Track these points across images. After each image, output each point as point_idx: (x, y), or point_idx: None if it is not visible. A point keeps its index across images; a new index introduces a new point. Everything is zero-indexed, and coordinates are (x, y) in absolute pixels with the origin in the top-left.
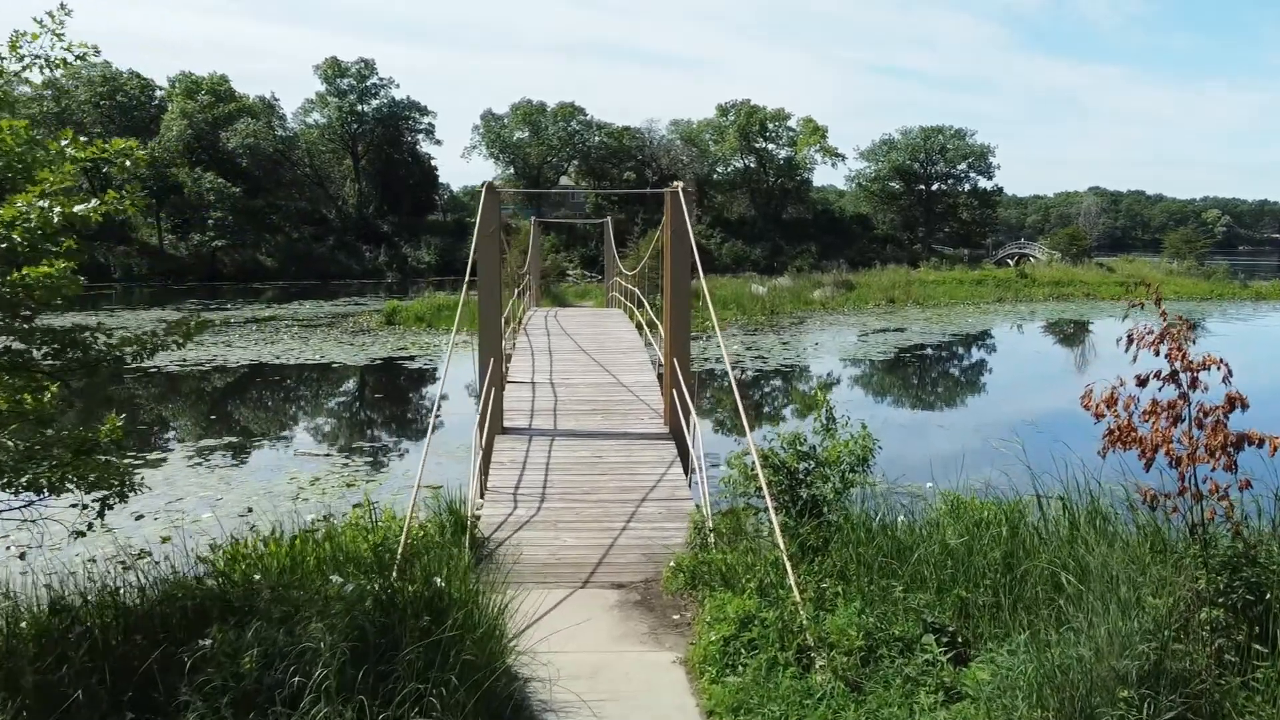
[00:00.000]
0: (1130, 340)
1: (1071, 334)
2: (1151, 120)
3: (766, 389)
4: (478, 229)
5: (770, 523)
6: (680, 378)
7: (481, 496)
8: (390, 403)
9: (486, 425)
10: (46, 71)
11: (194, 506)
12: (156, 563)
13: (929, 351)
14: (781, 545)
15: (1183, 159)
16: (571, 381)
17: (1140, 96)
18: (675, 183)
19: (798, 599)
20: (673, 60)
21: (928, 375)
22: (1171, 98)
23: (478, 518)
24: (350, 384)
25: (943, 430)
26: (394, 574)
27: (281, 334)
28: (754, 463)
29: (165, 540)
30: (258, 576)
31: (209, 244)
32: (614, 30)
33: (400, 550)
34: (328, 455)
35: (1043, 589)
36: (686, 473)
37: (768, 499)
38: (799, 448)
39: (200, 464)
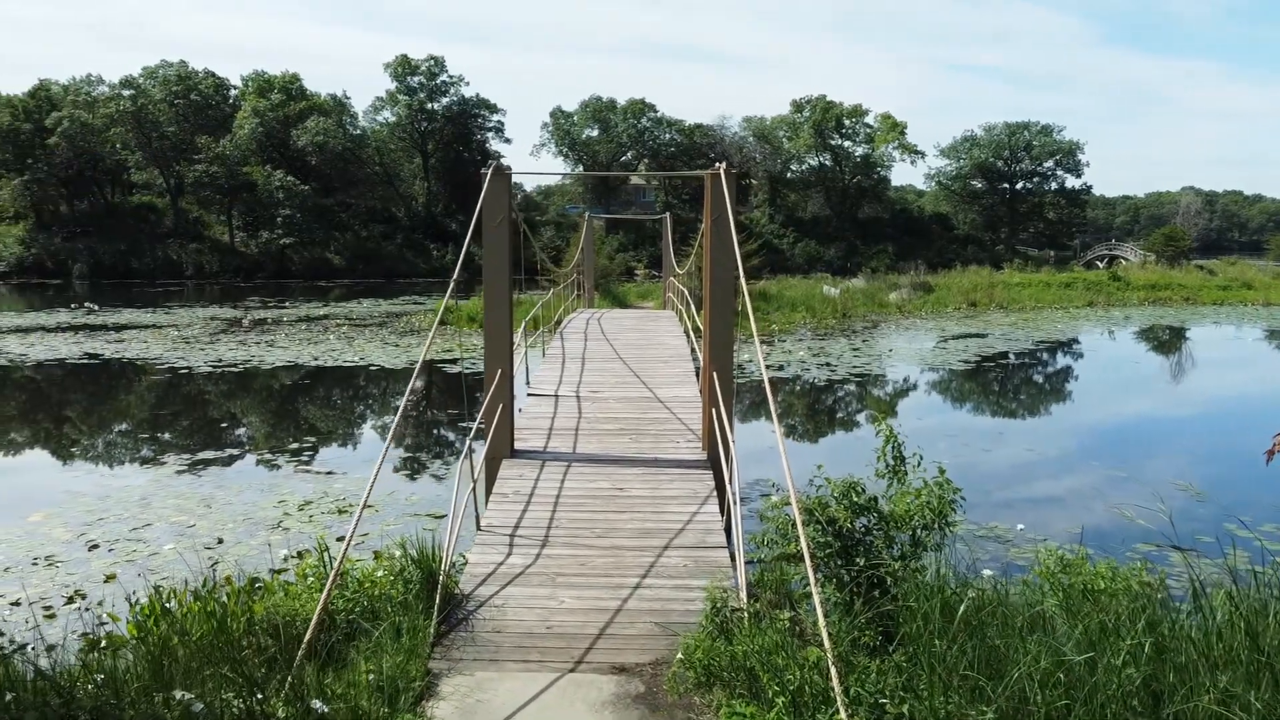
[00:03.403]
0: None
1: (1170, 341)
2: (1247, 117)
3: (840, 394)
4: (481, 218)
5: (813, 606)
6: (719, 395)
7: (478, 529)
8: (417, 413)
9: (487, 447)
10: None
11: (160, 535)
12: (86, 609)
13: (1014, 360)
14: (826, 642)
15: None
16: (600, 395)
17: (1234, 92)
18: (718, 164)
19: None
20: (744, 60)
21: (1012, 386)
22: (1269, 93)
23: (464, 563)
24: (381, 390)
25: (1035, 454)
26: (290, 674)
27: (329, 333)
28: (794, 518)
29: (109, 579)
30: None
31: (278, 241)
32: (685, 30)
33: (308, 635)
34: (330, 474)
35: None
36: (723, 511)
37: (810, 572)
38: (855, 498)
39: (187, 480)
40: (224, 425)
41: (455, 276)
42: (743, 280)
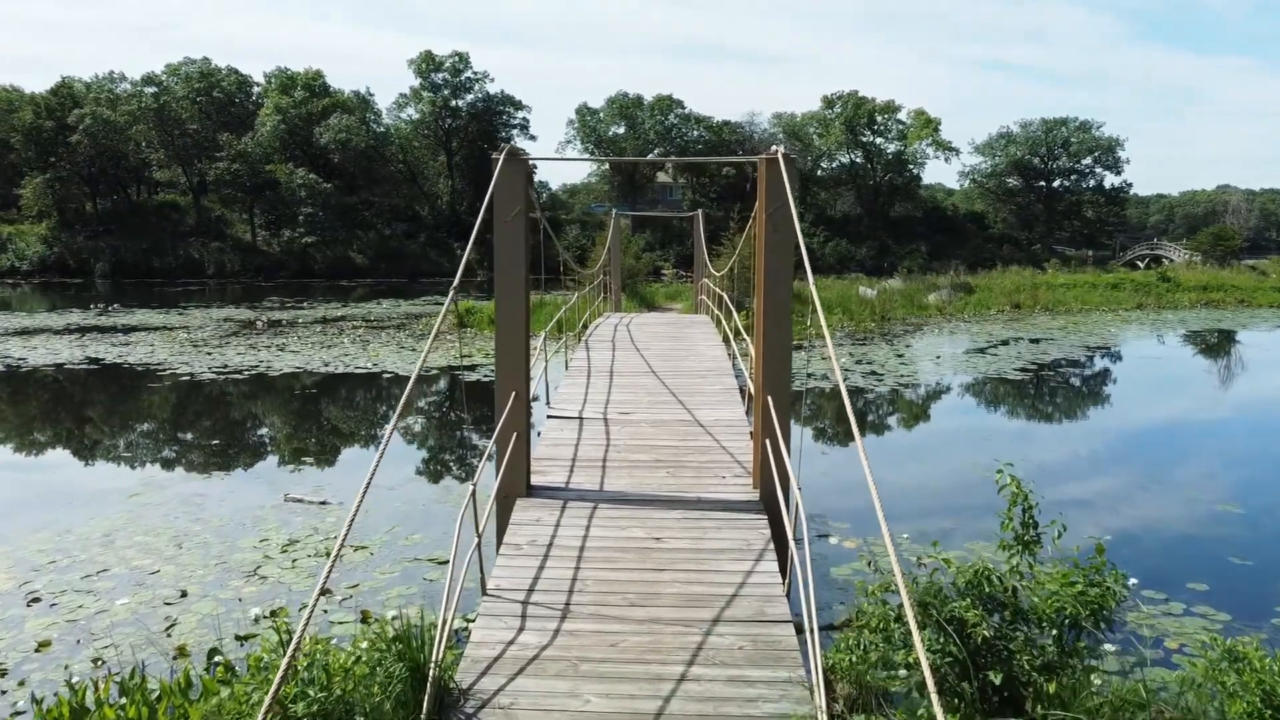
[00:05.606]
0: None
1: (1226, 346)
2: None
3: (870, 397)
4: (489, 210)
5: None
6: (776, 424)
7: (483, 593)
8: (430, 427)
9: (498, 484)
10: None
11: (115, 585)
12: (2, 692)
13: (1075, 369)
14: None
15: None
16: (632, 417)
17: (1269, 89)
18: (774, 147)
19: None
20: (774, 57)
21: (1079, 397)
22: None
23: (466, 633)
24: (391, 401)
25: (1126, 483)
26: None
27: (344, 336)
28: (906, 618)
29: (41, 648)
30: None
31: (300, 240)
32: (713, 27)
33: None
34: (323, 504)
35: None
36: (784, 570)
37: (931, 688)
38: (987, 589)
39: (161, 512)
40: (215, 443)
41: (456, 282)
42: (813, 286)
